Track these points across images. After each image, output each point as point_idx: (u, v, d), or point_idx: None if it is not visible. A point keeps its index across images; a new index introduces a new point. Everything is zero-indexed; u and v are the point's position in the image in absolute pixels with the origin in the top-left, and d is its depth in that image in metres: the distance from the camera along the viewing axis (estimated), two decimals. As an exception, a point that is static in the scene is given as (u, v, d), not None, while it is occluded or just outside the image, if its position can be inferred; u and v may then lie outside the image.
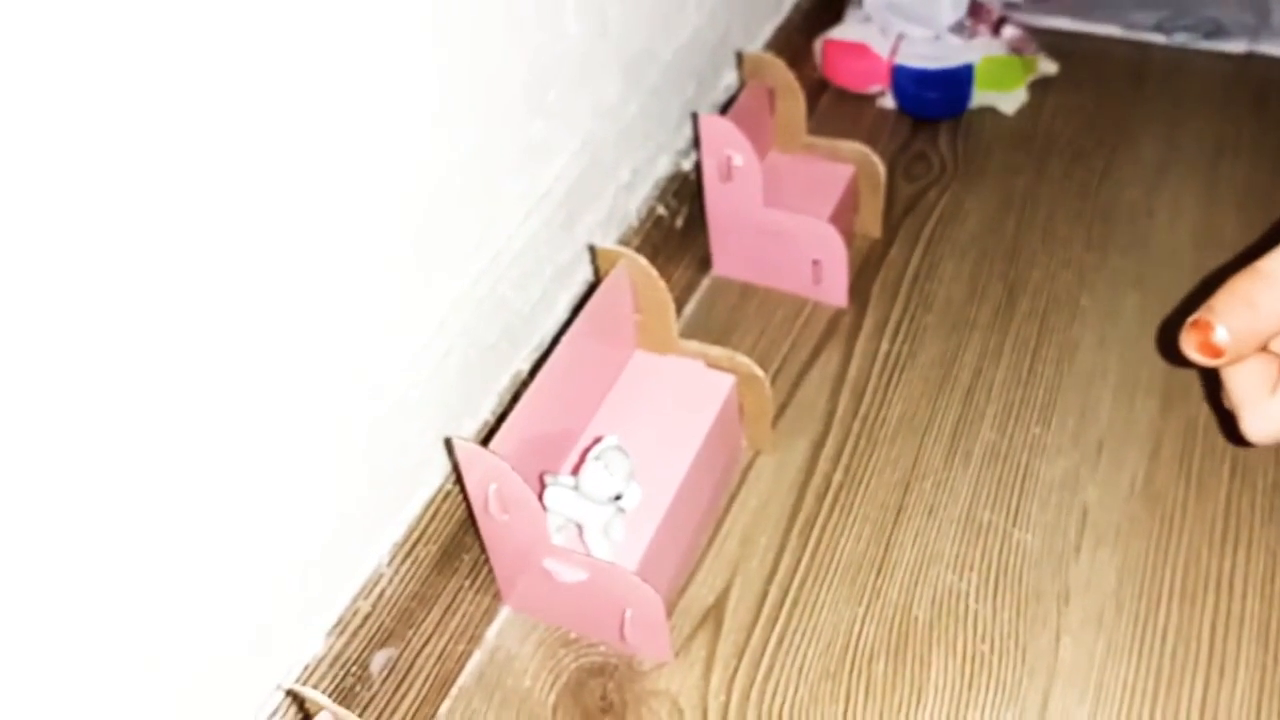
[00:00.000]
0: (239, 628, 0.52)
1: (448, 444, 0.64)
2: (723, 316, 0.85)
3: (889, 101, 1.02)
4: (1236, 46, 1.02)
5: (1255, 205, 0.89)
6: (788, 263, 0.84)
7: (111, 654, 0.45)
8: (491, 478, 0.57)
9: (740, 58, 0.89)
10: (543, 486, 0.61)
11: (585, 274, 0.77)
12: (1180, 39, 1.03)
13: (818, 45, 1.04)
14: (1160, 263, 0.85)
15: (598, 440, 0.59)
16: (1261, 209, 0.88)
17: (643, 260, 0.69)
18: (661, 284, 0.70)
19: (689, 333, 0.83)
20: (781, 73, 0.85)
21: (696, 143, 0.82)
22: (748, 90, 0.85)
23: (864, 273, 0.87)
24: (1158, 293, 0.83)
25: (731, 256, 0.86)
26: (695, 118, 0.83)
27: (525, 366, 0.72)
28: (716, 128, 0.79)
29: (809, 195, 0.85)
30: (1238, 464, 0.71)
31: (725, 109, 0.85)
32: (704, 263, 0.88)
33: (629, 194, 0.83)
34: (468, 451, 0.57)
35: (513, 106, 0.66)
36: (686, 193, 0.88)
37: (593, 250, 0.74)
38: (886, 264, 0.87)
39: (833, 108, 1.03)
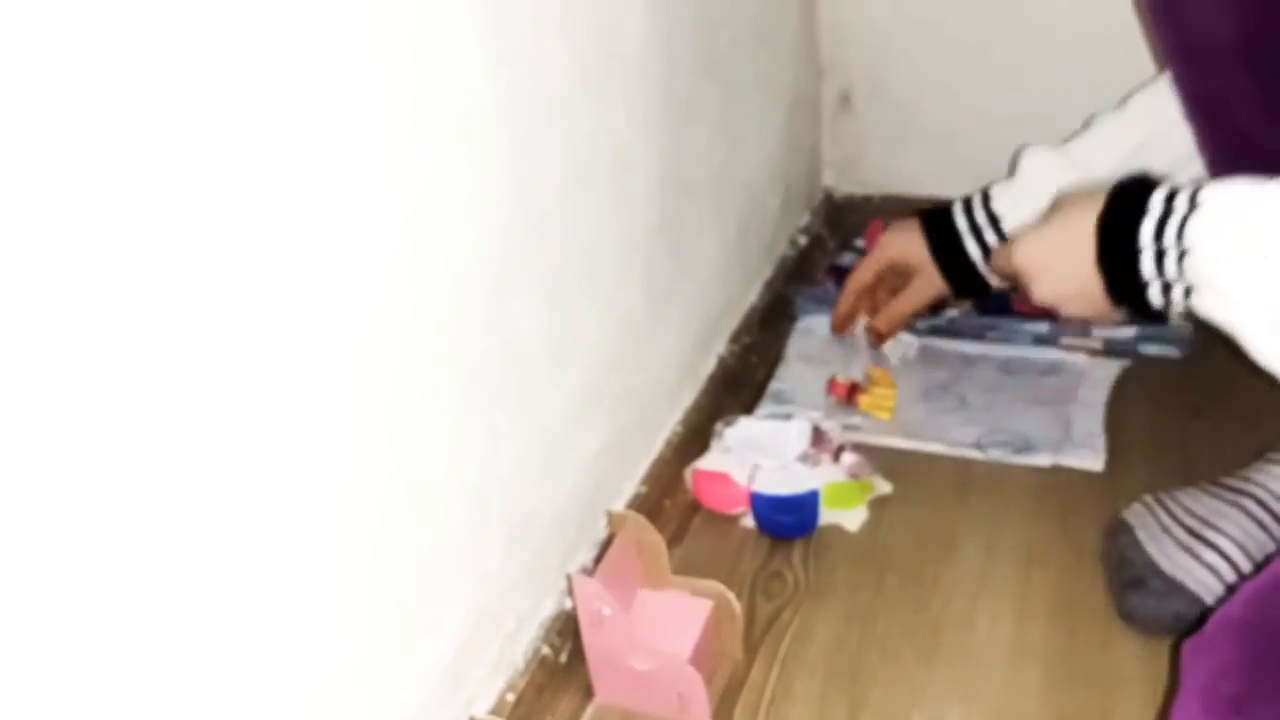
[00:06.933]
0: None
1: None
2: (603, 745, 0.96)
3: (750, 521, 1.17)
4: (1042, 460, 1.19)
5: (1063, 614, 1.03)
6: (657, 694, 0.95)
7: None
8: None
9: (609, 516, 1.04)
10: None
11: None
12: (995, 454, 1.20)
13: (688, 474, 1.20)
14: (980, 677, 0.98)
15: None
16: (1067, 618, 1.02)
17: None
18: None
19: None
20: (644, 527, 1.00)
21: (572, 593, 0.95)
22: (615, 544, 0.99)
23: (727, 696, 0.98)
24: (979, 707, 0.95)
25: (609, 687, 0.98)
26: (569, 579, 0.97)
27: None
28: (586, 586, 0.93)
29: (674, 630, 0.98)
30: None
31: (603, 552, 0.99)
32: (587, 691, 0.99)
33: (514, 641, 0.96)
34: None
35: (404, 596, 0.80)
36: (570, 629, 1.01)
37: None
38: (747, 686, 0.99)
39: (704, 527, 1.18)
